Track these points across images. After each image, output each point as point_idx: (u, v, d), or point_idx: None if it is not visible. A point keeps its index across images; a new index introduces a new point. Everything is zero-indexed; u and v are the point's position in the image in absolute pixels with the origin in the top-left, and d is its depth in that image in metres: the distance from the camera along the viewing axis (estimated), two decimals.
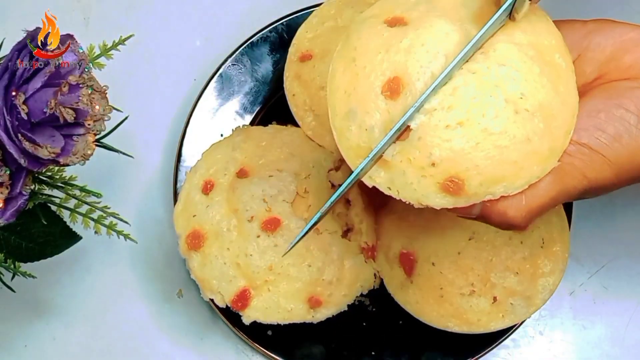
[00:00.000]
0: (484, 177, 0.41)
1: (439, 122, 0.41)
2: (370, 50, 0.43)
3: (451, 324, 0.56)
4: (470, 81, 0.41)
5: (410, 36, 0.43)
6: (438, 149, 0.41)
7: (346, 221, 0.58)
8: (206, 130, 0.64)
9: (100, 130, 0.45)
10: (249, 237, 0.55)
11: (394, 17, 0.44)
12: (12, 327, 0.62)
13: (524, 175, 0.41)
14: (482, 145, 0.40)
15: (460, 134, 0.41)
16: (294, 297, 0.55)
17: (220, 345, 0.62)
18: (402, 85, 0.41)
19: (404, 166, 0.41)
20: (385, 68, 0.42)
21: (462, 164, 0.41)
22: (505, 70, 0.41)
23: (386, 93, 0.41)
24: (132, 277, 0.64)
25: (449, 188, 0.41)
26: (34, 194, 0.48)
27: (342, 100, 0.43)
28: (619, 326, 0.63)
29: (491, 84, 0.41)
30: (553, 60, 0.43)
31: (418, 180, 0.41)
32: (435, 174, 0.41)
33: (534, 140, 0.41)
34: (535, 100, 0.41)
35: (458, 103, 0.41)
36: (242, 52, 0.65)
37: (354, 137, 0.43)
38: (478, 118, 0.41)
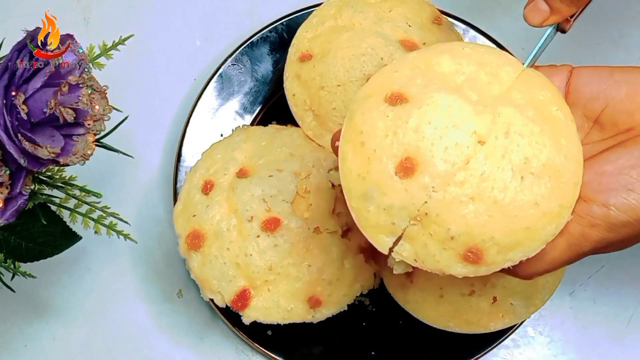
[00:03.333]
0: (500, 247, 0.42)
1: (453, 199, 0.42)
2: (377, 134, 0.44)
3: (451, 324, 0.56)
4: (479, 153, 0.42)
5: (415, 115, 0.43)
6: (455, 224, 0.42)
7: (346, 221, 0.58)
8: (206, 130, 0.64)
9: (100, 130, 0.45)
10: (248, 237, 0.55)
11: (393, 93, 0.45)
12: (12, 327, 0.62)
13: (539, 237, 0.42)
14: (495, 217, 0.42)
15: (473, 208, 0.42)
16: (294, 297, 0.55)
17: (220, 345, 0.62)
18: (416, 163, 0.42)
19: (426, 240, 0.43)
20: (396, 150, 0.43)
21: (479, 236, 0.42)
22: (510, 138, 0.42)
23: (400, 173, 0.43)
24: (132, 277, 0.64)
25: (469, 258, 0.42)
26: (34, 194, 0.48)
27: (357, 183, 0.44)
28: (619, 326, 0.63)
29: (498, 155, 0.42)
30: (551, 114, 0.44)
31: (440, 253, 0.43)
32: (455, 246, 0.42)
33: (542, 203, 0.42)
34: (539, 162, 0.42)
35: (469, 178, 0.42)
36: (242, 52, 0.65)
37: (372, 216, 0.44)
38: (488, 192, 0.42)
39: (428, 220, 0.42)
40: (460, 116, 0.43)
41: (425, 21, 0.62)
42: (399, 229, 0.43)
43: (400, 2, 0.62)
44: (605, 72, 0.46)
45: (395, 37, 0.60)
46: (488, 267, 0.43)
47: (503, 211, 0.42)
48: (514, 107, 0.43)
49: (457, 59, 0.45)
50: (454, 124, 0.43)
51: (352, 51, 0.59)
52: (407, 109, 0.44)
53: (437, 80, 0.44)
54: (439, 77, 0.44)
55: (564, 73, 0.47)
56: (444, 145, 0.42)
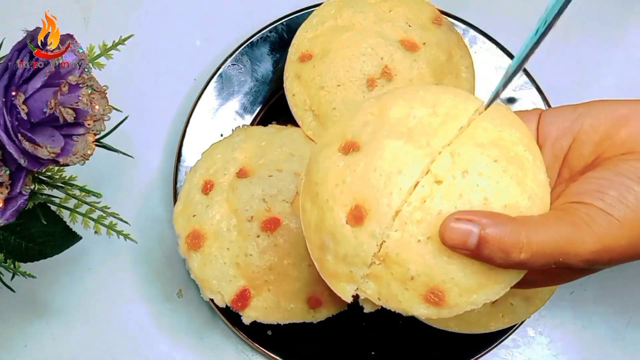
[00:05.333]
0: (461, 289, 0.41)
1: (411, 238, 0.41)
2: (329, 183, 0.44)
3: (451, 324, 0.55)
4: (435, 192, 0.41)
5: (362, 163, 0.43)
6: (414, 263, 0.41)
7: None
8: (206, 130, 0.64)
9: (100, 130, 0.45)
10: (248, 237, 0.55)
11: (347, 142, 0.45)
12: (12, 327, 0.62)
13: (502, 279, 0.42)
14: (453, 258, 0.41)
15: (430, 248, 0.41)
16: (294, 297, 0.55)
17: (220, 345, 0.62)
18: (364, 211, 0.42)
19: (389, 279, 0.42)
20: (345, 199, 0.43)
21: (438, 277, 0.41)
22: (468, 178, 0.42)
23: (351, 222, 0.43)
24: (132, 277, 0.64)
25: (431, 299, 0.42)
26: (33, 194, 0.48)
27: (315, 234, 0.45)
28: (619, 326, 0.63)
29: (455, 194, 0.41)
30: (517, 154, 0.43)
31: (402, 293, 0.42)
32: (416, 287, 0.42)
33: None
34: (500, 203, 0.41)
35: (426, 216, 0.41)
36: (242, 52, 0.65)
37: (331, 266, 0.44)
38: None
39: (389, 260, 0.42)
40: (406, 161, 0.42)
41: (425, 21, 0.62)
42: (357, 276, 0.43)
43: (401, 2, 0.62)
44: (569, 109, 0.46)
45: (395, 37, 0.60)
46: (451, 309, 0.42)
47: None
48: (476, 146, 0.43)
49: (410, 103, 0.45)
50: (399, 169, 0.42)
51: (352, 51, 0.59)
52: (357, 158, 0.44)
53: (388, 126, 0.44)
54: (390, 123, 0.44)
55: (534, 117, 0.47)
56: (388, 191, 0.42)
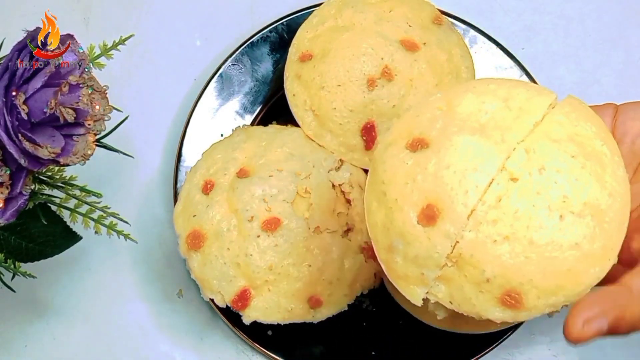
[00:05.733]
0: (540, 290, 0.40)
1: (487, 238, 0.40)
2: (398, 182, 0.43)
3: (451, 324, 0.55)
4: (512, 190, 0.41)
5: (434, 160, 0.42)
6: (490, 265, 0.40)
7: (347, 221, 0.58)
8: (206, 130, 0.64)
9: (100, 130, 0.45)
10: (249, 237, 0.55)
11: (414, 139, 0.43)
12: (12, 327, 0.62)
13: (582, 281, 0.40)
14: (532, 259, 0.40)
15: (508, 249, 0.40)
16: (294, 297, 0.55)
17: (221, 345, 0.62)
18: (437, 210, 0.41)
19: (462, 282, 0.41)
20: (416, 198, 0.42)
21: (516, 279, 0.40)
22: (546, 175, 0.41)
23: (423, 222, 0.41)
24: (132, 277, 0.64)
25: (507, 302, 0.41)
26: (34, 194, 0.48)
27: (382, 235, 0.43)
28: None
29: (533, 191, 0.40)
30: (595, 149, 0.42)
31: (476, 296, 0.41)
32: (492, 289, 0.41)
33: (584, 244, 0.40)
34: (580, 200, 0.40)
35: (502, 216, 0.40)
36: (242, 52, 0.65)
37: (400, 268, 0.43)
38: (523, 231, 0.40)
39: (463, 261, 0.41)
40: (481, 157, 0.41)
41: (426, 21, 0.62)
42: (429, 279, 0.42)
43: (401, 2, 0.62)
44: None
45: (395, 37, 0.60)
46: (529, 312, 0.41)
47: (540, 252, 0.40)
48: (552, 142, 0.42)
49: (481, 97, 0.44)
50: (474, 166, 0.41)
51: (353, 51, 0.59)
52: (427, 155, 0.42)
53: (458, 121, 0.43)
54: (461, 118, 0.43)
55: (609, 111, 0.46)
56: (463, 189, 0.41)
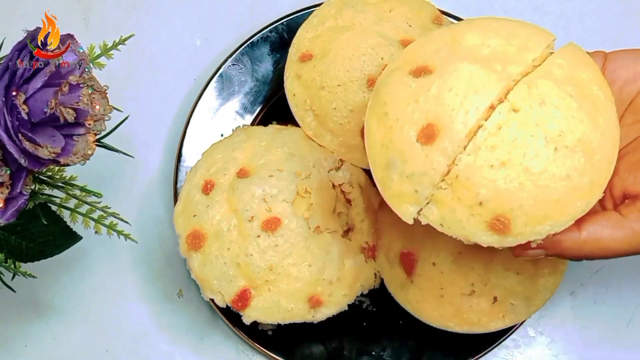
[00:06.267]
0: (528, 217, 0.42)
1: (484, 162, 0.42)
2: (400, 103, 0.44)
3: (451, 324, 0.55)
4: (512, 120, 0.42)
5: (437, 84, 0.44)
6: (485, 188, 0.42)
7: (347, 221, 0.58)
8: (206, 130, 0.64)
9: (100, 130, 0.45)
10: (249, 237, 0.55)
11: (418, 66, 0.45)
12: (12, 327, 0.62)
13: (568, 212, 0.42)
14: (525, 186, 0.42)
15: (503, 174, 0.42)
16: (295, 297, 0.55)
17: (221, 345, 0.62)
18: (437, 130, 0.43)
19: (454, 204, 0.43)
20: (417, 118, 0.43)
21: (507, 204, 0.42)
22: (546, 109, 0.43)
23: (422, 140, 0.43)
24: (132, 277, 0.64)
25: (496, 227, 0.42)
26: (34, 194, 0.48)
27: (380, 153, 0.45)
28: (619, 326, 0.63)
29: (532, 123, 0.42)
30: (591, 92, 0.44)
31: (467, 219, 0.43)
32: (483, 213, 0.42)
33: (574, 177, 0.42)
34: (574, 136, 0.42)
35: (501, 143, 0.42)
36: (242, 52, 0.65)
37: (395, 185, 0.44)
38: (519, 158, 0.42)
39: (458, 183, 0.42)
40: (482, 83, 0.43)
41: (426, 21, 0.62)
42: (422, 197, 0.43)
43: (401, 2, 0.62)
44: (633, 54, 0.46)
45: (395, 37, 0.60)
46: (514, 237, 0.42)
47: (534, 180, 0.42)
48: (552, 81, 0.44)
49: (484, 33, 0.46)
50: (475, 89, 0.43)
51: (353, 51, 0.59)
52: (430, 79, 0.44)
53: (462, 52, 0.45)
54: (464, 49, 0.45)
55: (599, 59, 0.47)
56: (464, 109, 0.43)
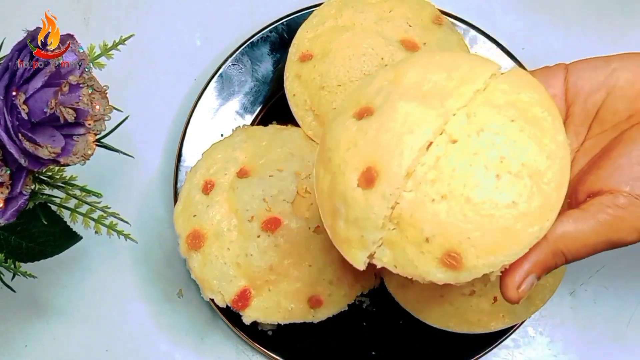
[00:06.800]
0: (479, 250, 0.41)
1: (425, 197, 0.41)
2: (341, 148, 0.44)
3: (451, 324, 0.56)
4: (450, 151, 0.41)
5: (375, 126, 0.43)
6: (429, 224, 0.41)
7: None
8: (206, 130, 0.64)
9: (100, 130, 0.45)
10: (249, 237, 0.55)
11: (361, 108, 0.45)
12: (12, 327, 0.62)
13: (520, 240, 0.41)
14: (469, 217, 0.40)
15: (445, 207, 0.41)
16: (295, 297, 0.55)
17: (221, 345, 0.62)
18: (375, 173, 0.42)
19: (404, 244, 0.42)
20: (357, 162, 0.43)
21: (454, 237, 0.41)
22: (484, 136, 0.41)
23: (362, 185, 0.42)
24: (132, 277, 0.64)
25: (447, 263, 0.41)
26: (34, 194, 0.48)
27: (326, 201, 0.45)
28: (619, 326, 0.63)
29: (470, 152, 0.41)
30: (535, 115, 0.43)
31: (417, 257, 0.42)
32: (432, 249, 0.41)
33: (520, 203, 0.41)
34: (518, 161, 0.41)
35: (440, 175, 0.41)
36: (242, 52, 0.65)
37: (343, 231, 0.43)
38: (460, 189, 0.41)
39: (404, 222, 0.41)
40: (418, 122, 0.42)
41: (426, 21, 0.62)
42: (369, 242, 0.42)
43: (401, 2, 0.62)
44: (601, 62, 0.45)
45: (395, 37, 0.60)
46: (469, 272, 0.41)
47: (477, 210, 0.40)
48: (492, 107, 0.42)
49: (425, 68, 0.45)
50: (410, 129, 0.42)
51: (353, 51, 0.59)
52: (370, 121, 0.43)
53: (402, 90, 0.44)
54: (405, 87, 0.44)
55: (560, 72, 0.46)
56: (399, 150, 0.41)
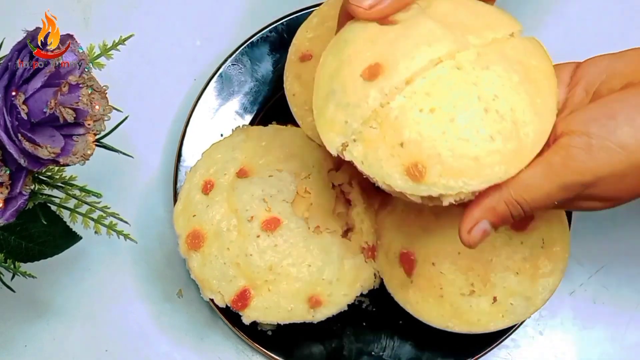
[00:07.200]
0: (444, 168, 0.43)
1: (414, 105, 0.43)
2: (357, 42, 0.46)
3: (451, 324, 0.55)
4: (453, 74, 0.44)
5: (397, 31, 0.45)
6: (408, 130, 0.43)
7: (347, 221, 0.58)
8: (206, 130, 0.64)
9: (100, 130, 0.45)
10: (249, 237, 0.55)
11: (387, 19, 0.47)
12: (12, 327, 0.62)
13: (484, 173, 0.43)
14: (447, 135, 0.43)
15: (430, 119, 0.43)
16: (294, 297, 0.55)
17: (220, 345, 0.62)
18: (381, 69, 0.44)
19: (379, 143, 0.44)
20: (368, 56, 0.45)
21: (426, 150, 0.43)
22: (487, 73, 0.44)
23: (365, 76, 0.44)
24: (132, 277, 0.64)
25: (411, 173, 0.43)
26: (34, 194, 0.48)
27: (325, 83, 0.47)
28: (619, 326, 0.63)
29: (470, 81, 0.44)
30: (537, 78, 0.45)
31: (387, 159, 0.44)
32: (402, 155, 0.43)
33: (498, 140, 0.43)
34: (507, 104, 0.43)
35: (435, 91, 0.43)
36: (242, 52, 0.65)
37: (330, 113, 0.45)
38: (449, 108, 0.43)
39: (387, 122, 0.43)
40: (437, 39, 0.44)
41: None
42: (350, 129, 0.44)
43: None
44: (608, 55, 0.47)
45: None
46: (427, 187, 0.43)
47: (457, 131, 0.42)
48: (502, 56, 0.45)
49: (457, 5, 0.47)
50: (429, 42, 0.44)
51: None
52: (393, 27, 0.46)
53: (430, 13, 0.46)
54: (433, 12, 0.46)
55: (571, 66, 0.48)
56: (411, 55, 0.44)
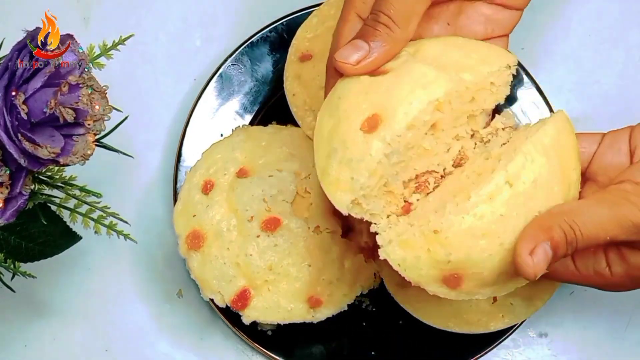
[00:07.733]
0: (482, 282, 0.44)
1: (469, 230, 0.42)
2: (351, 96, 0.45)
3: (451, 324, 0.56)
4: (504, 192, 0.43)
5: (389, 79, 0.45)
6: (458, 252, 0.43)
7: (347, 221, 0.58)
8: (206, 130, 0.64)
9: (100, 130, 0.45)
10: (248, 237, 0.55)
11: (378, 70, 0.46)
12: (12, 327, 0.62)
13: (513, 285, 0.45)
14: (494, 257, 0.43)
15: (481, 245, 0.43)
16: (294, 297, 0.55)
17: (220, 345, 0.62)
18: (380, 119, 0.43)
19: (422, 253, 0.44)
20: (364, 108, 0.44)
21: (471, 269, 0.43)
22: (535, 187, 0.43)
23: (365, 128, 0.44)
24: (132, 277, 0.64)
25: (449, 282, 0.44)
26: (34, 194, 0.48)
27: (325, 142, 0.46)
28: (619, 326, 0.63)
29: (520, 201, 0.43)
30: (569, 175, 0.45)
31: (427, 269, 0.44)
32: (445, 269, 0.43)
33: None
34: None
35: (488, 215, 0.42)
36: (242, 52, 0.65)
37: (334, 172, 0.45)
38: (499, 233, 0.43)
39: (435, 239, 0.43)
40: (432, 81, 0.44)
41: None
42: (357, 185, 0.43)
43: None
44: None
45: None
46: (458, 293, 0.44)
47: (504, 256, 0.43)
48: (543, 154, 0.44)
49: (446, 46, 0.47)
50: (423, 85, 0.44)
51: None
52: (385, 77, 0.45)
53: (421, 58, 0.46)
54: (424, 56, 0.46)
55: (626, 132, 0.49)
56: (408, 101, 0.43)
